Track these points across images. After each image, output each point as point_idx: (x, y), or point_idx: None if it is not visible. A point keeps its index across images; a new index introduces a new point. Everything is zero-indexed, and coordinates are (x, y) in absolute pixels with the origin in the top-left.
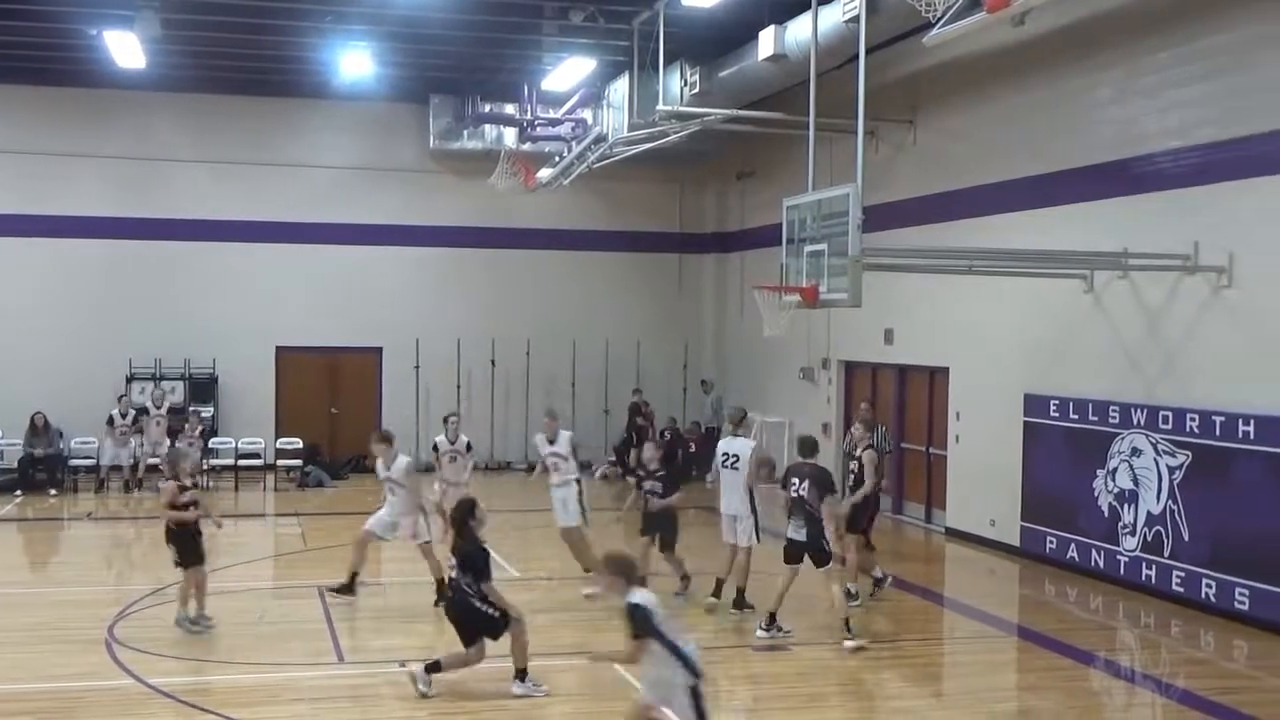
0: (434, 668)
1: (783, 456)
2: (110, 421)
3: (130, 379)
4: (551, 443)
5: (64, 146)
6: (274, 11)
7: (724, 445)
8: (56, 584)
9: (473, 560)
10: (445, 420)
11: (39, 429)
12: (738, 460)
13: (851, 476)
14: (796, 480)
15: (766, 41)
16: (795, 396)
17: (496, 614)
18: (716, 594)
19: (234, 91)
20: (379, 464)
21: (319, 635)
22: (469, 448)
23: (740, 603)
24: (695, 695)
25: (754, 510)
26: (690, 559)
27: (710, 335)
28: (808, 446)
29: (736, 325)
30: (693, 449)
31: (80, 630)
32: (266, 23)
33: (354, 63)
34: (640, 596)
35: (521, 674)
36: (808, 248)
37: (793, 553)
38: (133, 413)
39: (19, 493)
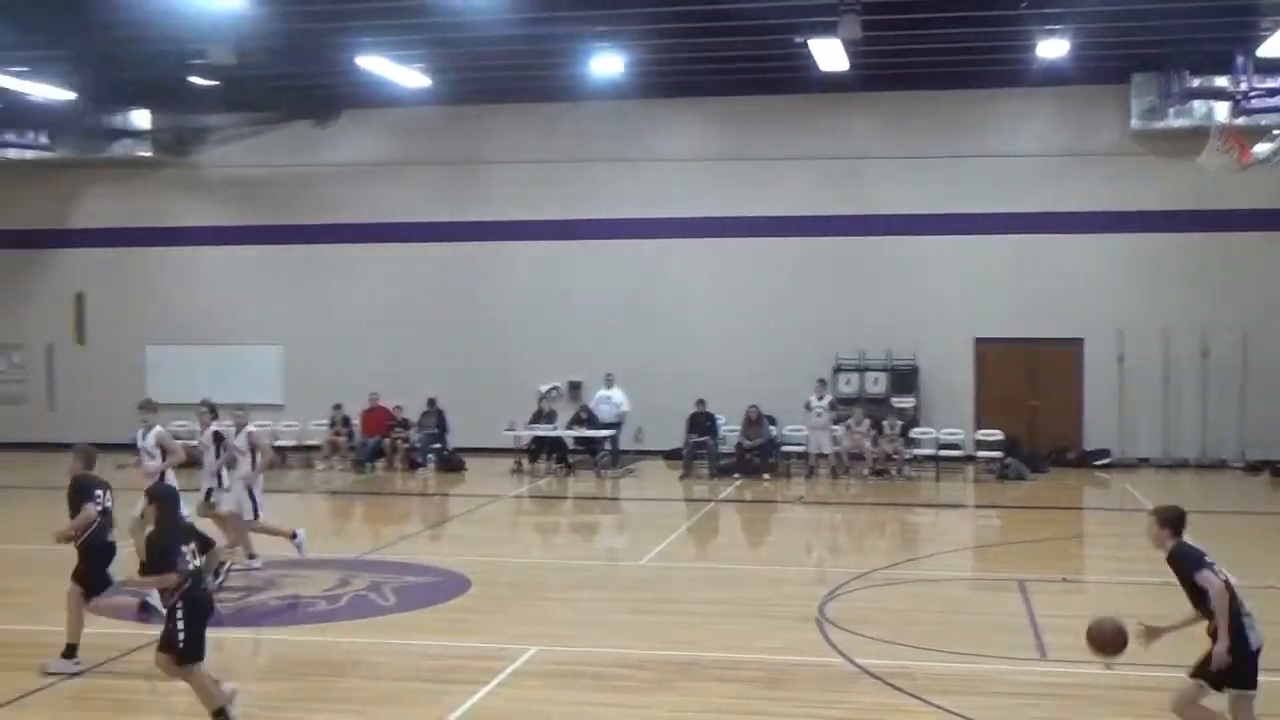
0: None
1: None
2: (808, 407)
3: (837, 370)
4: None
5: (767, 151)
6: (972, 3)
7: None
8: (768, 562)
9: None
10: None
11: (752, 420)
12: None
13: None
14: None
15: None
16: None
17: None
18: None
19: (929, 87)
20: None
21: (1021, 629)
22: None
23: None
24: None
25: None
26: None
27: None
28: None
29: None
30: None
31: (789, 607)
32: (964, 14)
33: (1051, 47)
34: None
35: None
36: None
37: None
38: (828, 399)
39: (737, 476)
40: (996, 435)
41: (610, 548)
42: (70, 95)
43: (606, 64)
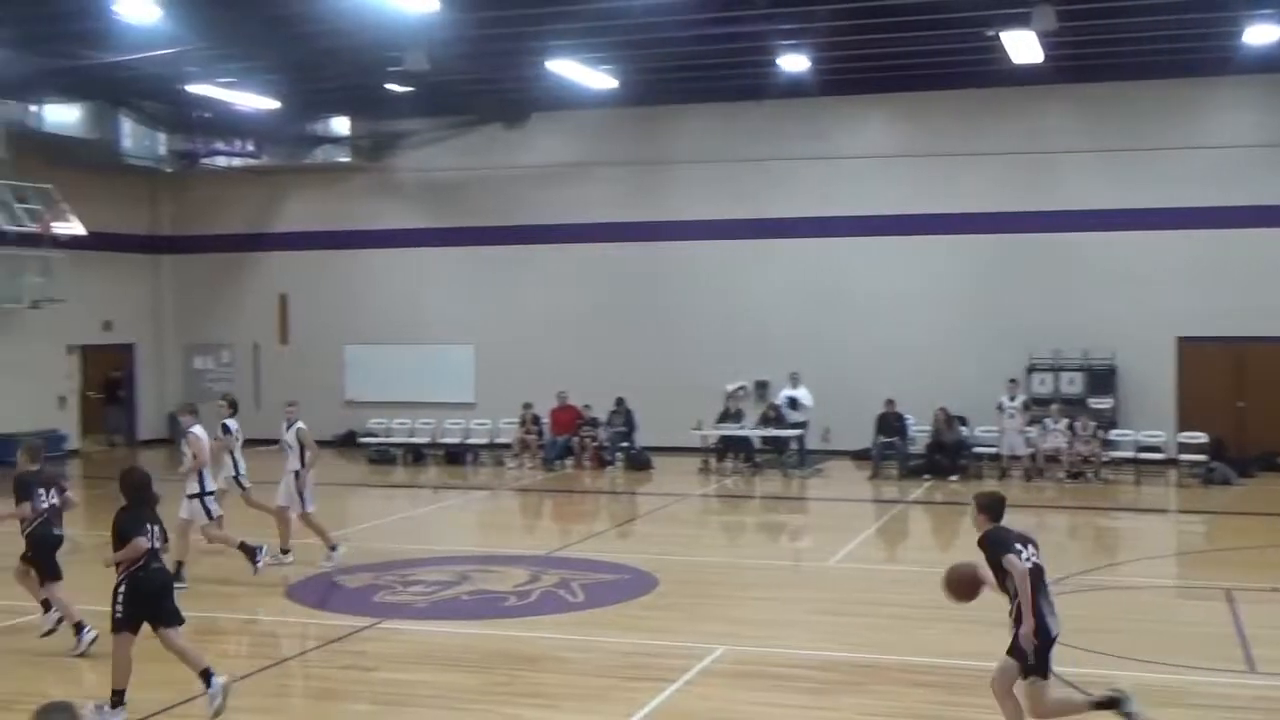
0: None
1: None
2: (999, 408)
3: (1030, 370)
4: None
5: (956, 146)
6: None
7: None
8: None
9: None
10: None
11: (942, 421)
12: None
13: None
14: None
15: None
16: None
17: None
18: None
19: (1127, 77)
20: None
21: (1228, 640)
22: None
23: None
24: None
25: None
26: None
27: None
28: None
29: None
30: None
31: (981, 612)
32: (1164, 1)
33: (1260, 32)
34: None
35: None
36: None
37: None
38: (1021, 399)
39: (927, 477)
40: (1200, 438)
41: (798, 548)
42: (275, 105)
43: (793, 62)
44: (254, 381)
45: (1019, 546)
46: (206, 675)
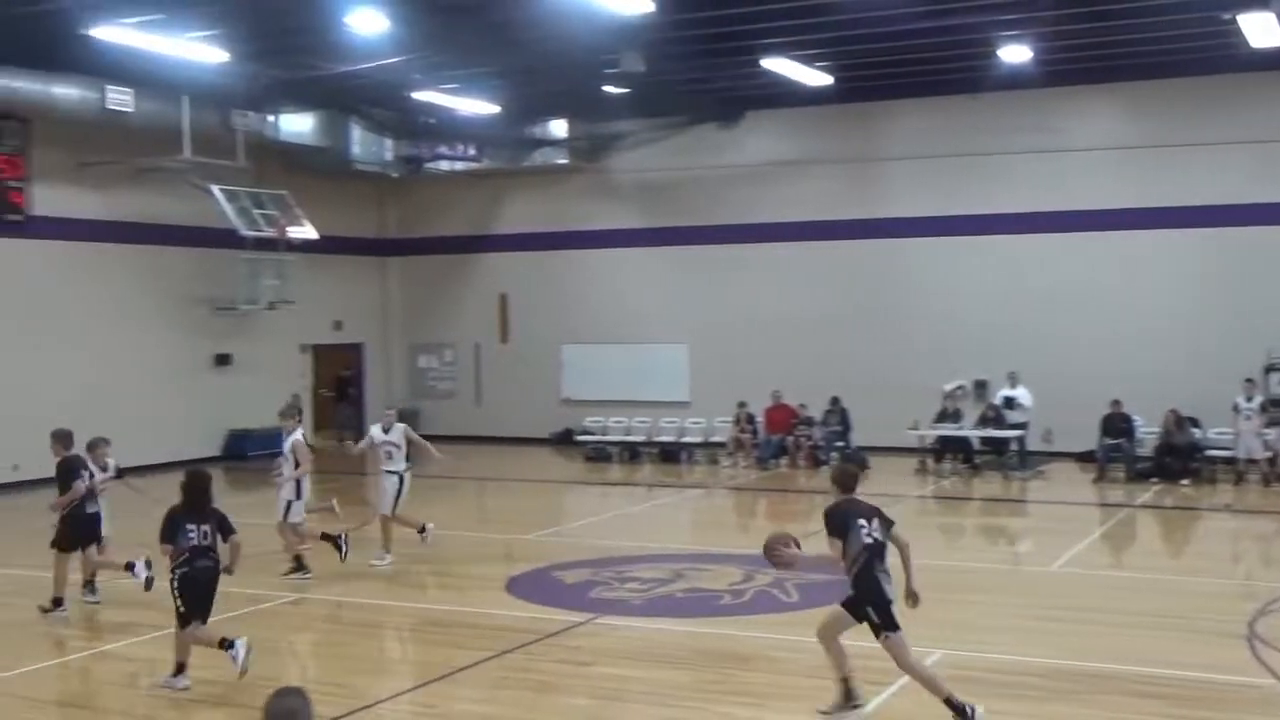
0: None
1: None
2: (1235, 409)
3: (1268, 369)
4: None
5: (1187, 136)
6: None
7: None
8: (1189, 573)
9: None
10: None
11: (1173, 423)
12: None
13: None
14: None
15: None
16: None
17: None
18: None
19: None
20: None
21: None
22: None
23: None
24: None
25: None
26: None
27: None
28: None
29: None
30: None
31: (1214, 621)
32: None
33: None
34: None
35: None
36: None
37: None
38: (1259, 400)
39: (1155, 481)
40: None
41: (1018, 551)
42: (496, 109)
43: (1014, 53)
44: (475, 380)
45: (862, 522)
46: (225, 642)
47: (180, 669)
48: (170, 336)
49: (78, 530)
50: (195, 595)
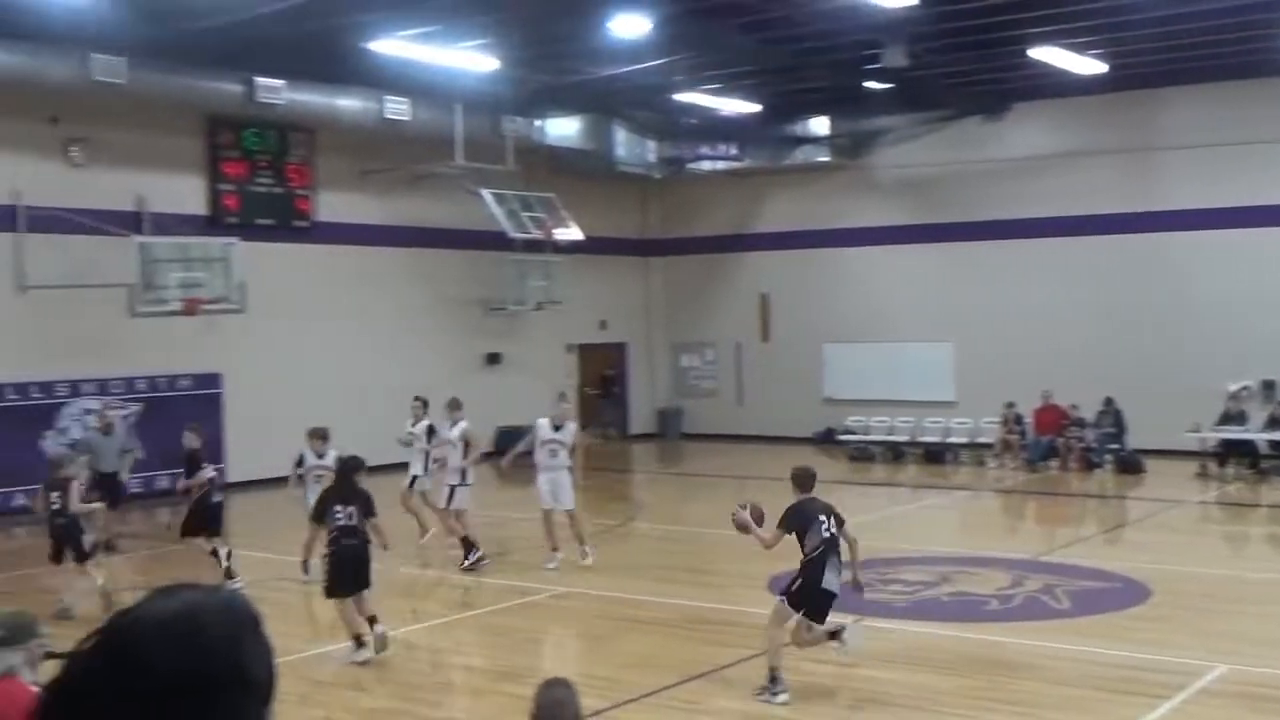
0: None
1: None
2: None
3: None
4: None
5: None
6: None
7: None
8: None
9: None
10: None
11: None
12: None
13: None
14: None
15: None
16: None
17: None
18: None
19: None
20: None
21: None
22: None
23: None
24: None
25: None
26: None
27: None
28: None
29: None
30: None
31: None
32: None
33: None
34: None
35: None
36: None
37: None
38: None
39: None
40: None
41: None
42: (756, 108)
43: None
44: (736, 379)
45: (822, 518)
46: (359, 638)
47: (357, 641)
48: (443, 337)
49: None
50: (341, 571)
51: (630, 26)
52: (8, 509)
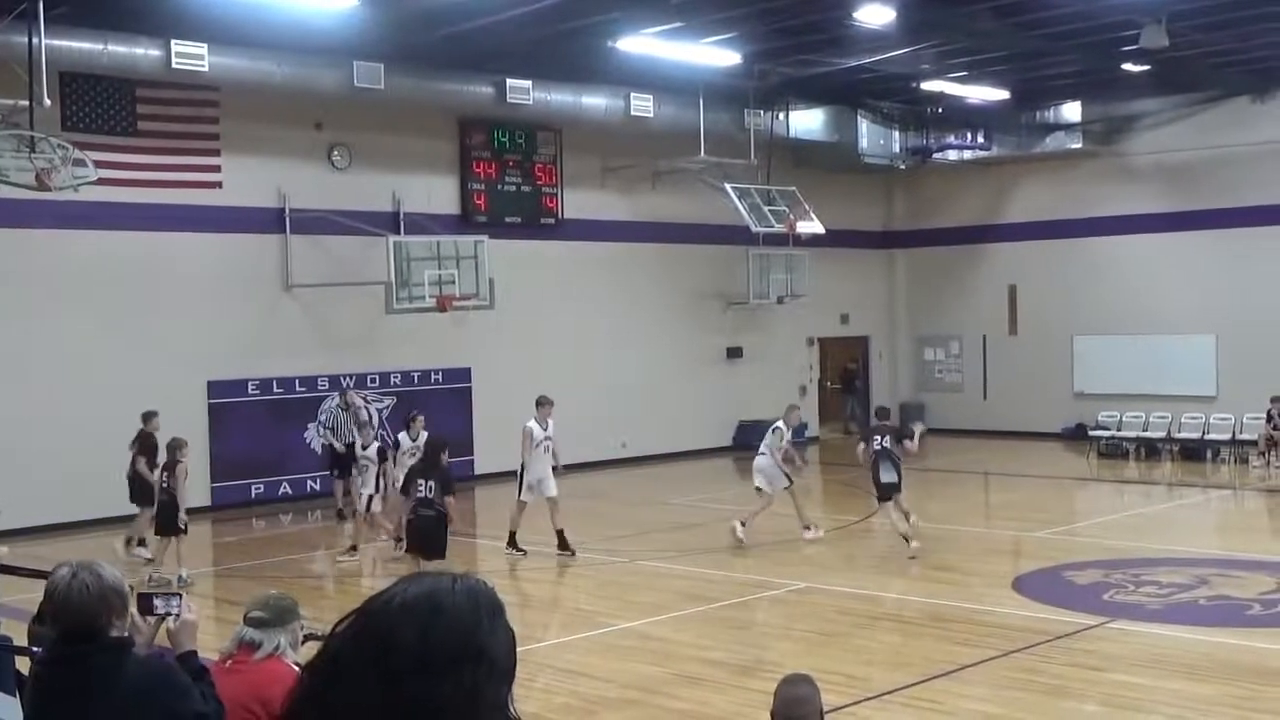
0: None
1: None
2: None
3: None
4: None
5: None
6: None
7: None
8: None
9: None
10: None
11: None
12: None
13: None
14: None
15: None
16: None
17: None
18: None
19: None
20: None
21: None
22: None
23: None
24: None
25: None
26: None
27: None
28: None
29: None
30: None
31: None
32: None
33: None
34: None
35: None
36: None
37: None
38: None
39: None
40: None
41: None
42: (1005, 95)
43: None
44: (982, 372)
45: (876, 436)
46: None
47: None
48: (685, 331)
49: None
50: (415, 538)
51: (875, 15)
52: (274, 497)
